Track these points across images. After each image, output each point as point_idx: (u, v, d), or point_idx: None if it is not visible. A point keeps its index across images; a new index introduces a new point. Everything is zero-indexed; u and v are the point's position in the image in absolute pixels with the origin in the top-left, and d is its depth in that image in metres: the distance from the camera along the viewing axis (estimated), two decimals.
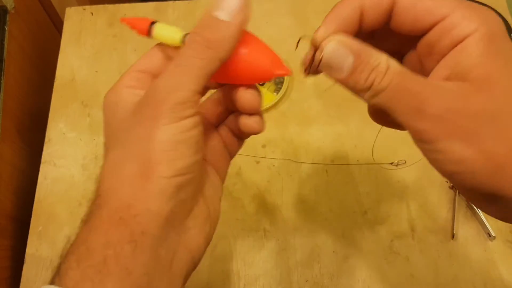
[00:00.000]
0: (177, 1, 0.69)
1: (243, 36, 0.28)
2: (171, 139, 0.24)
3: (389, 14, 0.25)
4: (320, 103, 0.60)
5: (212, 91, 0.32)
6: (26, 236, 0.53)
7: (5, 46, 0.59)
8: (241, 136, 0.32)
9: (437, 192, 0.53)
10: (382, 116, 0.28)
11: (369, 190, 0.54)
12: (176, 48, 0.28)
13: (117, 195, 0.24)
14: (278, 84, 0.61)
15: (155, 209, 0.23)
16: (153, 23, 0.29)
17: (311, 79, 0.62)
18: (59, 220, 0.54)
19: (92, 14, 0.68)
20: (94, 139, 0.59)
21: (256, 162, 0.56)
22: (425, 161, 0.55)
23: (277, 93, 0.60)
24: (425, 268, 0.50)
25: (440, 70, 0.24)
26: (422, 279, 0.49)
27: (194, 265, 0.27)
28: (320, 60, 0.27)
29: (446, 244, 0.51)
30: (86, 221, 0.24)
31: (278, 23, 0.66)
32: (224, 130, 0.32)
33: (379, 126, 0.59)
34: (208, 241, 0.28)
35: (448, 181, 0.54)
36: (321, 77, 0.67)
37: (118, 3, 0.69)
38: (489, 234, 0.50)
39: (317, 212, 0.53)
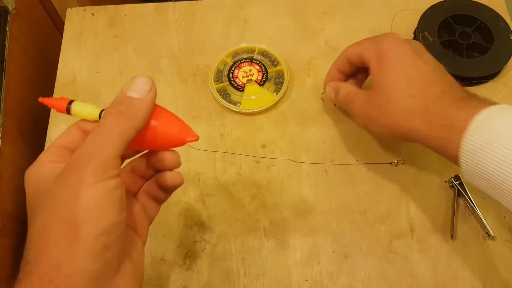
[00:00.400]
0: (177, 2, 0.69)
1: (155, 111, 0.32)
2: (95, 198, 0.25)
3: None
4: (320, 103, 0.60)
5: (126, 161, 0.35)
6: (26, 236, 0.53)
7: (6, 46, 0.59)
8: (167, 190, 0.36)
9: (436, 192, 0.54)
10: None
11: (369, 190, 0.54)
12: (95, 122, 0.32)
13: (46, 258, 0.24)
14: (278, 84, 0.61)
15: (83, 269, 0.24)
16: (70, 102, 0.33)
17: (311, 80, 0.62)
18: None
19: (92, 14, 0.69)
20: None
21: (256, 162, 0.57)
22: (425, 161, 0.56)
23: (277, 93, 0.60)
24: (424, 268, 0.50)
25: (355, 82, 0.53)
26: (421, 279, 0.49)
27: None
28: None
29: (445, 243, 0.51)
30: (19, 281, 0.25)
31: (278, 24, 0.66)
32: (142, 197, 0.35)
33: None
34: None
35: (447, 181, 0.54)
36: (321, 77, 0.67)
37: (118, 4, 0.69)
38: (488, 234, 0.50)
39: (316, 211, 0.53)
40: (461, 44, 0.60)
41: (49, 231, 0.25)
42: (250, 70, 0.62)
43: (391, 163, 0.55)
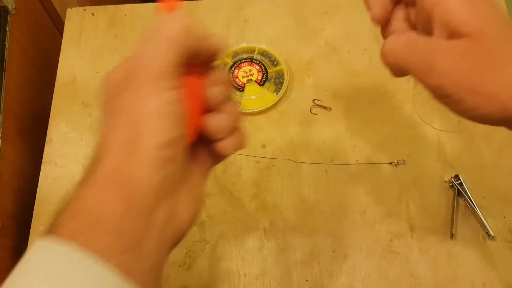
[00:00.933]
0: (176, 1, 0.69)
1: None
2: (156, 110, 0.24)
3: None
4: (320, 103, 0.60)
5: None
6: (27, 236, 0.53)
7: (6, 46, 0.59)
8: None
9: (436, 192, 0.54)
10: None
11: (369, 189, 0.54)
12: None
13: (110, 160, 0.24)
14: (278, 84, 0.61)
15: (145, 177, 0.24)
16: None
17: (311, 80, 0.62)
18: None
19: (92, 14, 0.68)
20: (95, 139, 0.59)
21: (256, 162, 0.57)
22: (425, 161, 0.56)
23: (277, 93, 0.60)
24: (424, 268, 0.50)
25: (439, 30, 0.29)
26: (421, 279, 0.49)
27: (178, 240, 0.27)
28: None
29: (445, 243, 0.51)
30: (83, 178, 0.25)
31: (278, 24, 0.66)
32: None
33: (378, 126, 0.59)
34: (192, 222, 0.28)
35: (447, 181, 0.54)
36: (321, 77, 0.67)
37: (118, 4, 0.69)
38: (488, 234, 0.50)
39: (316, 211, 0.53)
40: None
41: (115, 135, 0.25)
42: (250, 70, 0.62)
43: (391, 163, 0.55)
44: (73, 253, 0.21)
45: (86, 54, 0.66)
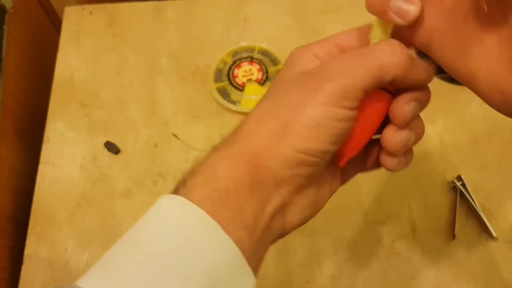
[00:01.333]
0: (176, 1, 0.69)
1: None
2: (317, 119, 0.24)
3: None
4: None
5: None
6: (25, 236, 0.53)
7: (4, 45, 0.58)
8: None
9: (438, 193, 0.53)
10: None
11: (370, 190, 0.54)
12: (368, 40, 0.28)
13: (251, 141, 0.25)
14: None
15: (273, 169, 0.25)
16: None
17: None
18: (57, 220, 0.54)
19: (91, 13, 0.68)
20: (93, 139, 0.58)
21: None
22: (427, 161, 0.55)
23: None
24: (427, 269, 0.49)
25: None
26: (423, 280, 0.49)
27: (281, 236, 0.28)
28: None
29: (447, 244, 0.50)
30: (219, 148, 0.26)
31: (278, 22, 0.66)
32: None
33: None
34: (302, 223, 0.29)
35: (450, 182, 0.53)
36: None
37: (117, 3, 0.69)
38: (490, 235, 0.50)
39: None
40: None
41: (265, 121, 0.26)
42: (250, 70, 0.61)
43: None
44: (203, 217, 0.23)
45: (84, 53, 0.65)
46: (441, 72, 0.28)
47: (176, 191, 0.24)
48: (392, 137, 0.27)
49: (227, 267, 0.23)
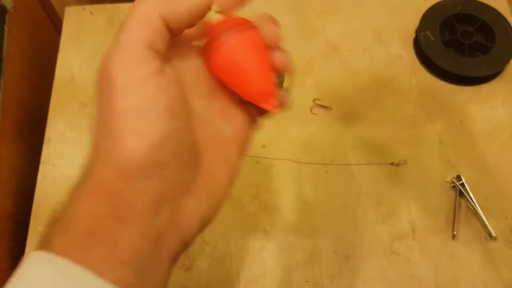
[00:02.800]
0: None
1: (250, 39, 0.25)
2: (133, 107, 0.21)
3: None
4: (320, 103, 0.60)
5: None
6: (25, 236, 0.53)
7: (4, 46, 0.58)
8: None
9: (438, 193, 0.53)
10: None
11: (370, 190, 0.54)
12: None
13: (100, 171, 0.22)
14: (278, 84, 0.60)
15: (139, 187, 0.21)
16: None
17: (311, 79, 0.61)
18: None
19: (91, 13, 0.68)
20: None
21: (256, 162, 0.56)
22: (426, 161, 0.55)
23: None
24: (426, 269, 0.49)
25: None
26: (423, 280, 0.49)
27: (185, 246, 0.25)
28: None
29: (447, 244, 0.51)
30: (75, 189, 0.23)
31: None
32: None
33: (380, 126, 0.59)
34: (203, 223, 0.25)
35: (449, 182, 0.53)
36: (322, 77, 0.67)
37: (117, 3, 0.69)
38: (490, 235, 0.50)
39: (317, 212, 0.53)
40: (463, 44, 0.60)
41: (100, 143, 0.22)
42: None
43: (392, 164, 0.55)
44: (67, 267, 0.20)
45: (84, 53, 0.65)
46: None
47: (41, 245, 0.21)
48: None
49: None
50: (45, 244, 0.21)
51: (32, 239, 0.53)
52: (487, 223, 0.50)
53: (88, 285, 0.19)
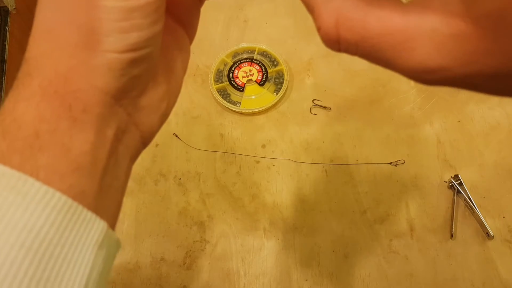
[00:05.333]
0: None
1: None
2: (121, 6, 0.19)
3: None
4: (319, 103, 0.60)
5: None
6: None
7: (7, 46, 0.59)
8: None
9: (436, 192, 0.54)
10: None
11: (368, 189, 0.54)
12: None
13: (52, 66, 0.19)
14: (278, 84, 0.61)
15: (100, 86, 0.20)
16: None
17: (311, 80, 0.62)
18: None
19: None
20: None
21: (256, 162, 0.57)
22: (424, 161, 0.56)
23: (277, 94, 0.60)
24: (424, 268, 0.50)
25: None
26: (421, 279, 0.49)
27: (144, 145, 0.23)
28: None
29: (445, 243, 0.51)
30: (13, 89, 0.20)
31: (278, 24, 0.66)
32: None
33: (378, 126, 0.59)
34: (163, 120, 0.24)
35: (447, 181, 0.54)
36: (321, 77, 0.67)
37: None
38: (488, 234, 0.50)
39: (316, 211, 0.53)
40: None
41: (59, 36, 0.19)
42: (250, 70, 0.62)
43: (390, 163, 0.55)
44: (5, 174, 0.17)
45: None
46: None
47: None
48: None
49: (51, 225, 0.17)
50: None
51: None
52: (485, 223, 0.50)
53: (31, 194, 0.17)
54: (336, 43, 0.20)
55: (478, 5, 0.16)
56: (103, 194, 0.20)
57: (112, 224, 0.21)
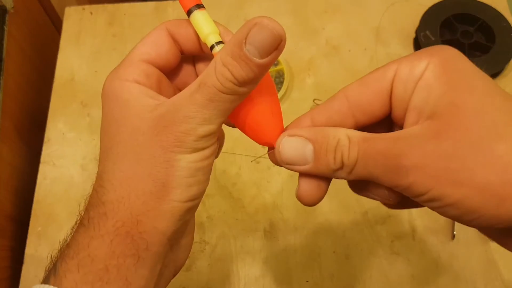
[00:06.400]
0: (176, 1, 0.69)
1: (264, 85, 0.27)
2: (191, 166, 0.24)
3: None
4: (320, 102, 0.60)
5: None
6: (25, 236, 0.53)
7: (5, 46, 0.58)
8: None
9: None
10: (364, 187, 0.27)
11: None
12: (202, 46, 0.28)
13: (127, 210, 0.23)
14: (278, 84, 0.60)
15: (162, 229, 0.24)
16: (199, 5, 0.29)
17: (311, 79, 0.61)
18: (58, 220, 0.54)
19: (91, 13, 0.68)
20: (94, 139, 0.59)
21: (256, 162, 0.56)
22: None
23: (278, 93, 0.59)
24: (426, 269, 0.49)
25: (410, 117, 0.23)
26: (423, 280, 0.49)
27: (174, 277, 0.28)
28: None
29: (446, 244, 0.51)
30: (87, 226, 0.24)
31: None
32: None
33: None
34: (187, 256, 0.29)
35: None
36: (321, 77, 0.67)
37: (117, 3, 0.69)
38: None
39: (317, 212, 0.53)
40: (462, 44, 0.60)
41: (136, 185, 0.24)
42: None
43: None
44: None
45: (84, 53, 0.65)
46: None
47: (46, 279, 0.22)
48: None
49: None
50: (54, 278, 0.22)
51: (32, 239, 0.53)
52: None
53: None
54: None
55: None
56: None
57: None
